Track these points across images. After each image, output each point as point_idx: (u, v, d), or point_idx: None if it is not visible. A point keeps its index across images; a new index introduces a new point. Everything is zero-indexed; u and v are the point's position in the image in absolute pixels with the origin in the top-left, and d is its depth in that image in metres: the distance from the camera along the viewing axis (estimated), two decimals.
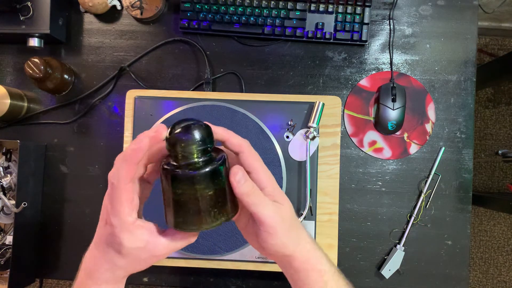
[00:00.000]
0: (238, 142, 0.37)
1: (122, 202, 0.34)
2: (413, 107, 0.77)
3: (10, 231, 0.75)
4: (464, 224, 0.75)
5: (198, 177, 0.33)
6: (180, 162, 0.34)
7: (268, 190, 0.37)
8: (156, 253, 0.36)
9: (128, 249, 0.35)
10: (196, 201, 0.33)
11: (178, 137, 0.33)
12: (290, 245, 0.38)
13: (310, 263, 0.40)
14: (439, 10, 0.78)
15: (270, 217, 0.36)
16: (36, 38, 0.75)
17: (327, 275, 0.40)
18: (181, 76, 0.79)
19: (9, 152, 0.75)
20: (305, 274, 0.40)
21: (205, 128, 0.34)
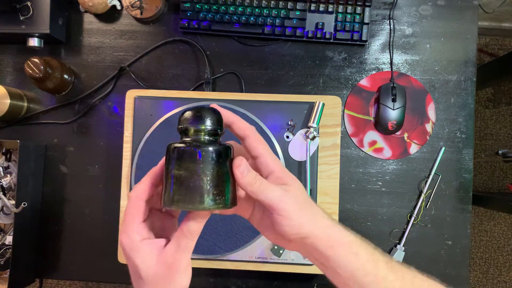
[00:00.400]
0: (244, 126, 0.37)
1: (133, 217, 0.35)
2: (413, 107, 0.77)
3: (10, 231, 0.75)
4: (464, 224, 0.75)
5: (202, 153, 0.33)
6: (186, 139, 0.35)
7: (277, 174, 0.37)
8: (168, 261, 0.35)
9: (143, 270, 0.34)
10: (197, 178, 0.33)
11: (188, 116, 0.34)
12: (307, 224, 0.37)
13: (334, 239, 0.38)
14: (439, 10, 0.78)
15: (279, 199, 0.35)
16: (36, 38, 0.74)
17: (355, 245, 0.38)
18: (181, 76, 0.79)
19: (9, 152, 0.75)
20: (333, 252, 0.37)
21: (214, 111, 0.35)
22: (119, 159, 0.70)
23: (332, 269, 0.38)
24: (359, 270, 0.37)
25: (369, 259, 0.38)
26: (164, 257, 0.35)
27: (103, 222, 0.77)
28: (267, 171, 0.37)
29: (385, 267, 0.38)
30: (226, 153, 0.35)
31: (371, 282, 0.37)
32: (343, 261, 0.37)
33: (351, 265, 0.37)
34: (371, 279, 0.37)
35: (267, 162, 0.37)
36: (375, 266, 0.38)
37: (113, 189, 0.76)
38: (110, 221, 0.76)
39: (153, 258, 0.35)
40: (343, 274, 0.38)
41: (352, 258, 0.37)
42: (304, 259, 0.67)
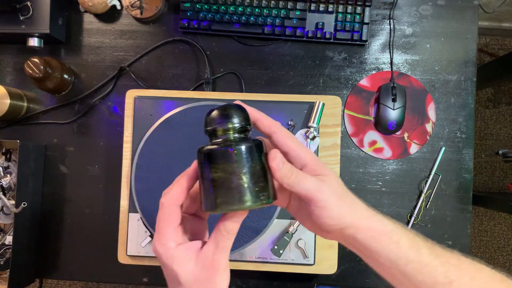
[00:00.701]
0: (269, 123, 0.36)
1: (168, 224, 0.34)
2: (413, 107, 0.77)
3: (9, 231, 0.75)
4: (464, 224, 0.75)
5: (236, 152, 0.33)
6: (217, 140, 0.34)
7: (311, 166, 0.36)
8: (208, 262, 0.34)
9: (181, 274, 0.34)
10: (236, 177, 0.33)
11: (215, 116, 0.34)
12: (347, 215, 0.36)
13: (374, 229, 0.37)
14: (439, 10, 0.78)
15: (317, 191, 0.34)
16: (36, 38, 0.74)
17: (396, 234, 0.37)
18: (181, 76, 0.79)
19: (9, 152, 0.75)
20: (373, 242, 0.37)
21: (240, 108, 0.35)
22: (119, 159, 0.70)
23: (373, 259, 0.38)
24: (401, 258, 0.37)
25: (410, 246, 0.37)
26: (203, 259, 0.34)
27: (103, 222, 0.77)
28: (300, 165, 0.36)
29: (427, 253, 0.37)
30: (259, 148, 0.34)
31: (414, 269, 0.37)
32: (385, 251, 0.37)
33: (392, 254, 0.37)
34: (414, 266, 0.37)
35: (299, 155, 0.36)
36: (417, 253, 0.37)
37: (113, 189, 0.76)
38: (110, 221, 0.76)
39: (192, 262, 0.34)
40: (385, 264, 0.38)
41: (393, 247, 0.37)
42: (304, 259, 0.67)
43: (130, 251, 0.68)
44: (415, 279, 0.37)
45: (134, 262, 0.69)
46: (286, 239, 0.66)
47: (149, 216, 0.67)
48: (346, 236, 0.38)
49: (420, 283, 0.37)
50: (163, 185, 0.69)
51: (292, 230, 0.66)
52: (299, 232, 0.67)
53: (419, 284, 0.37)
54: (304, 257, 0.67)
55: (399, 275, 0.38)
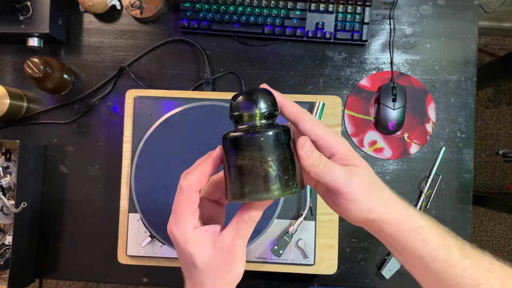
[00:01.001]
0: (296, 110, 0.35)
1: (186, 208, 0.33)
2: (413, 107, 0.76)
3: (9, 231, 0.75)
4: (464, 224, 0.75)
5: (263, 138, 0.31)
6: (243, 127, 0.33)
7: (340, 154, 0.34)
8: (226, 247, 0.33)
9: (198, 257, 0.33)
10: (264, 165, 0.31)
11: (241, 101, 0.32)
12: (376, 208, 0.34)
13: (404, 224, 0.35)
14: (439, 9, 0.78)
15: (345, 183, 0.33)
16: (35, 38, 0.74)
17: (425, 230, 0.36)
18: (181, 76, 0.79)
19: (9, 152, 0.75)
20: (401, 236, 0.35)
21: (267, 92, 0.33)
22: (119, 159, 0.70)
23: (399, 252, 0.37)
24: (428, 256, 0.36)
25: (440, 244, 0.36)
26: (222, 243, 0.33)
27: (103, 222, 0.77)
28: (329, 153, 0.34)
29: (457, 253, 0.36)
30: (287, 135, 0.33)
31: (440, 268, 0.36)
32: (411, 246, 0.36)
33: (419, 251, 0.36)
34: (441, 265, 0.36)
35: (328, 143, 0.34)
36: (447, 252, 0.36)
37: (113, 189, 0.76)
38: (110, 221, 0.76)
39: (209, 245, 0.33)
40: (411, 258, 0.37)
41: (420, 243, 0.36)
42: (304, 259, 0.67)
43: (130, 251, 0.68)
44: (441, 277, 0.36)
45: (134, 262, 0.69)
46: (286, 239, 0.66)
47: (149, 216, 0.67)
48: (373, 227, 0.37)
49: (445, 281, 0.36)
50: (163, 185, 0.69)
51: (292, 230, 0.66)
52: (299, 232, 0.67)
53: (445, 282, 0.36)
54: (304, 257, 0.67)
55: (423, 270, 0.37)
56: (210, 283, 0.35)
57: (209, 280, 0.34)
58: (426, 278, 0.37)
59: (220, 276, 0.34)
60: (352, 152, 0.35)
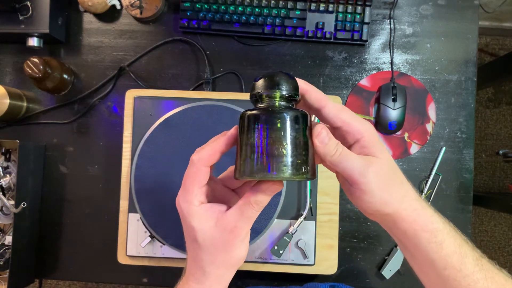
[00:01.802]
0: (320, 96, 0.34)
1: (194, 181, 0.33)
2: (413, 107, 0.76)
3: (9, 232, 0.75)
4: (465, 225, 0.75)
5: (280, 119, 0.31)
6: (262, 105, 0.33)
7: (364, 141, 0.33)
8: (229, 226, 0.33)
9: (199, 231, 0.33)
10: (278, 145, 0.31)
11: (263, 81, 0.33)
12: (392, 203, 0.33)
13: (419, 223, 0.34)
14: (439, 9, 0.78)
15: (360, 173, 0.32)
16: (35, 38, 0.74)
17: (441, 234, 0.34)
18: (181, 75, 0.79)
19: (9, 152, 0.75)
20: (415, 235, 0.34)
21: (289, 76, 0.33)
22: (119, 159, 0.70)
23: (410, 252, 0.36)
24: (440, 261, 0.34)
25: (455, 251, 0.34)
26: (225, 221, 0.33)
27: (103, 222, 0.77)
28: (354, 139, 0.33)
29: (472, 264, 0.35)
30: (305, 120, 0.32)
31: (452, 277, 0.34)
32: (424, 248, 0.34)
33: (432, 254, 0.34)
34: (453, 273, 0.34)
35: (353, 128, 0.33)
36: (461, 260, 0.34)
37: (113, 189, 0.76)
38: (110, 221, 0.76)
39: (211, 222, 0.34)
40: (421, 260, 0.35)
41: (434, 247, 0.34)
42: (304, 260, 0.67)
43: (129, 251, 0.68)
44: (450, 285, 0.35)
45: (134, 262, 0.69)
46: (286, 239, 0.66)
47: (149, 216, 0.67)
48: (387, 222, 0.35)
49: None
50: (163, 185, 0.69)
51: (292, 230, 0.66)
52: (299, 233, 0.67)
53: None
54: (304, 258, 0.67)
55: (433, 276, 0.35)
56: (210, 261, 0.35)
57: (208, 257, 0.34)
58: (435, 285, 0.36)
59: (220, 255, 0.34)
60: (376, 141, 0.34)
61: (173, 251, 0.67)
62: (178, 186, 0.35)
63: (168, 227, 0.66)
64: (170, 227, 0.66)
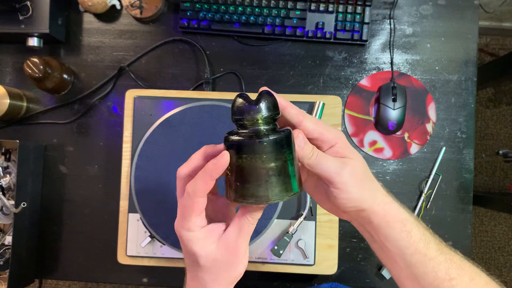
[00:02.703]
0: (297, 112, 0.36)
1: (192, 212, 0.34)
2: (413, 107, 0.76)
3: (9, 232, 0.75)
4: (464, 225, 0.75)
5: (265, 144, 0.32)
6: (246, 131, 0.33)
7: (338, 146, 0.37)
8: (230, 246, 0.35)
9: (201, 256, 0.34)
10: (264, 170, 0.32)
11: (243, 106, 0.33)
12: (367, 198, 0.37)
13: (391, 215, 0.38)
14: (439, 9, 0.78)
15: (337, 173, 0.35)
16: (35, 38, 0.74)
17: (409, 223, 0.38)
18: (180, 75, 0.79)
19: (8, 152, 0.75)
20: (387, 227, 0.38)
21: (269, 96, 0.33)
22: (119, 159, 0.70)
23: (381, 243, 0.39)
24: (409, 248, 0.38)
25: (421, 238, 0.38)
26: (225, 242, 0.35)
27: (102, 222, 0.77)
28: (330, 145, 0.37)
29: (435, 248, 0.38)
30: (289, 139, 0.33)
31: (419, 261, 0.38)
32: (395, 237, 0.38)
33: (402, 242, 0.38)
34: (420, 258, 0.38)
35: (329, 137, 0.36)
36: (426, 246, 0.38)
37: (113, 189, 0.76)
38: (110, 221, 0.76)
39: (213, 245, 0.35)
40: (392, 250, 0.38)
41: (404, 235, 0.38)
42: (304, 260, 0.67)
43: (129, 251, 0.68)
44: (418, 270, 0.38)
45: (134, 262, 0.69)
46: (286, 239, 0.66)
47: (149, 216, 0.67)
48: (361, 218, 0.38)
49: (421, 275, 0.38)
50: (163, 185, 0.69)
51: (292, 230, 0.66)
52: (299, 233, 0.67)
53: (420, 275, 0.38)
54: (304, 258, 0.67)
55: (402, 264, 0.38)
56: (212, 280, 0.35)
57: (211, 277, 0.35)
58: (403, 270, 0.39)
59: (222, 274, 0.36)
60: (349, 145, 0.37)
61: (173, 251, 0.67)
62: None
63: (168, 227, 0.66)
64: (170, 227, 0.66)
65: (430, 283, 0.38)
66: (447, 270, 0.38)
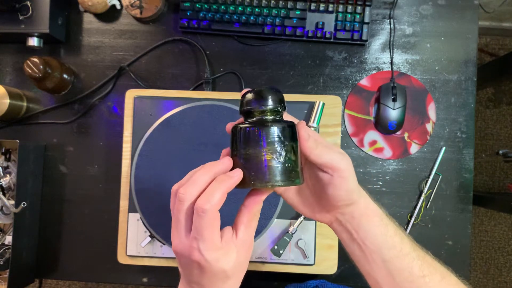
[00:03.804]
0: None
1: (213, 229, 0.33)
2: (413, 106, 0.76)
3: (9, 231, 0.75)
4: (464, 224, 0.75)
5: (270, 132, 0.34)
6: (252, 120, 0.36)
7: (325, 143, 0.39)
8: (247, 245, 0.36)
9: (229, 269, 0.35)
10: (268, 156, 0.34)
11: (251, 97, 0.36)
12: (357, 191, 0.39)
13: (370, 209, 0.40)
14: (439, 9, 0.78)
15: (341, 162, 0.37)
16: (35, 38, 0.74)
17: (385, 217, 0.40)
18: (180, 75, 0.79)
19: (9, 152, 0.75)
20: (367, 220, 0.39)
21: (275, 90, 0.37)
22: (119, 159, 0.70)
23: (360, 241, 0.40)
24: (387, 242, 0.39)
25: (396, 233, 0.40)
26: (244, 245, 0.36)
27: (103, 222, 0.77)
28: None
29: (409, 245, 0.40)
30: (292, 130, 0.36)
31: (396, 256, 0.39)
32: (374, 232, 0.39)
33: (380, 236, 0.39)
34: (396, 253, 0.39)
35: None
36: (401, 241, 0.39)
37: (113, 189, 0.76)
38: (110, 221, 0.76)
39: (234, 253, 0.35)
40: (370, 247, 0.39)
41: (382, 229, 0.39)
42: (304, 259, 0.67)
43: (129, 251, 0.68)
44: (394, 266, 0.39)
45: (134, 262, 0.69)
46: (286, 239, 0.66)
47: (149, 216, 0.67)
48: (346, 213, 0.40)
49: (397, 271, 0.39)
50: (163, 185, 0.69)
51: (292, 230, 0.66)
52: (299, 232, 0.67)
53: (396, 271, 0.39)
54: (304, 257, 0.67)
55: (379, 261, 0.39)
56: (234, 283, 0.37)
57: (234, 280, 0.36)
58: (380, 269, 0.39)
59: (242, 272, 0.37)
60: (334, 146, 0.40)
61: None
62: None
63: (168, 227, 0.66)
64: (170, 227, 0.66)
65: (405, 279, 0.39)
66: (420, 267, 0.39)
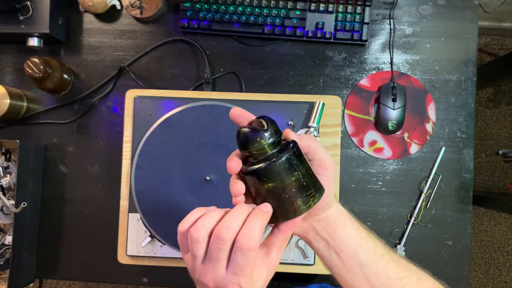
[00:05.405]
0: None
1: (254, 264, 0.34)
2: (413, 106, 0.76)
3: (9, 231, 0.75)
4: (464, 224, 0.75)
5: (279, 166, 0.34)
6: (257, 160, 0.35)
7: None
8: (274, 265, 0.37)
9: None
10: (285, 190, 0.34)
11: (248, 138, 0.35)
12: (334, 196, 0.40)
13: (342, 211, 0.41)
14: (439, 9, 0.78)
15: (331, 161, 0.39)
16: (35, 38, 0.74)
17: (356, 221, 0.41)
18: (181, 75, 0.79)
19: (9, 152, 0.75)
20: (341, 224, 0.40)
21: (269, 122, 0.36)
22: (119, 159, 0.70)
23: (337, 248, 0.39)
24: (361, 244, 0.39)
25: (368, 234, 0.40)
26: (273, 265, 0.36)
27: (103, 222, 0.77)
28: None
29: (382, 246, 0.40)
30: (298, 152, 0.36)
31: (371, 259, 0.39)
32: (349, 235, 0.39)
33: (354, 240, 0.39)
34: (371, 255, 0.39)
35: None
36: (374, 243, 0.40)
37: (113, 189, 0.76)
38: (110, 221, 0.76)
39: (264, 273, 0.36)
40: (347, 253, 0.39)
41: (356, 232, 0.40)
42: (304, 259, 0.67)
43: (130, 251, 0.68)
44: (370, 270, 0.39)
45: (134, 262, 0.69)
46: None
47: (149, 216, 0.67)
48: (321, 220, 0.40)
49: (374, 275, 0.39)
50: (163, 185, 0.69)
51: None
52: None
53: (373, 275, 0.39)
54: (304, 257, 0.67)
55: (356, 267, 0.39)
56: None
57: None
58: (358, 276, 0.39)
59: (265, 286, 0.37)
60: None
61: (173, 251, 0.67)
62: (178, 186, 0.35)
63: (168, 227, 0.66)
64: (170, 227, 0.66)
65: (382, 282, 0.39)
66: (396, 269, 0.39)
